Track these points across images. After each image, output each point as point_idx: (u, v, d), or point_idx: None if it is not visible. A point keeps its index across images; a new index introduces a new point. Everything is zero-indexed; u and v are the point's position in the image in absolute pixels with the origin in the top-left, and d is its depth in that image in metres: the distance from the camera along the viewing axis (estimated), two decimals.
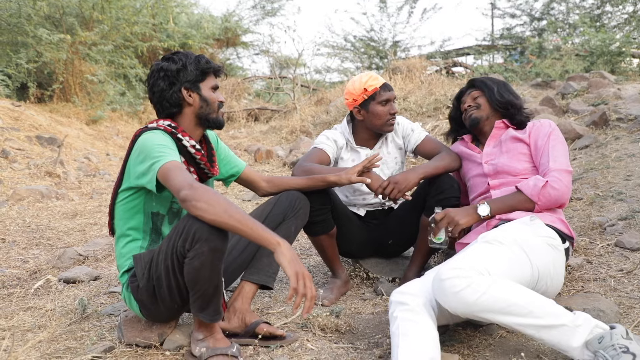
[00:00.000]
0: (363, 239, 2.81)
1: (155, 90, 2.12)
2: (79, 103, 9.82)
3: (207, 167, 2.18)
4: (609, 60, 8.18)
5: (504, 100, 2.52)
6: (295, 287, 1.74)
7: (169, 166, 1.86)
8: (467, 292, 1.71)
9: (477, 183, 2.52)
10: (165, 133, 2.05)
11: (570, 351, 1.74)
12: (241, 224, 1.76)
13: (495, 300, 1.71)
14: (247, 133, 9.91)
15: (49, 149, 7.23)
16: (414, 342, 1.74)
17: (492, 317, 1.73)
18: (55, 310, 2.56)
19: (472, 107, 2.57)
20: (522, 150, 2.43)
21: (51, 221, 4.41)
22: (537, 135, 2.41)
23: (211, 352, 1.94)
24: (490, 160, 2.49)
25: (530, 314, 1.72)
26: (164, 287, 1.92)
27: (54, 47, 9.25)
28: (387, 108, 2.72)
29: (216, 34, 13.99)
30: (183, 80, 2.11)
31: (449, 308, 1.76)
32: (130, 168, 2.02)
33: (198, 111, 2.15)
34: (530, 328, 1.73)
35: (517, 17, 14.20)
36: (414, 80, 8.92)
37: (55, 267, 3.25)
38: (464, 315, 1.77)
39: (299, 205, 2.33)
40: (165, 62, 2.13)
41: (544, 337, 1.74)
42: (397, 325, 1.82)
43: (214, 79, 2.20)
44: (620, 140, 4.66)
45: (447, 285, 1.75)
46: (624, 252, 2.72)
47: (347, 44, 16.23)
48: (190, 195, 1.76)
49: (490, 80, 2.60)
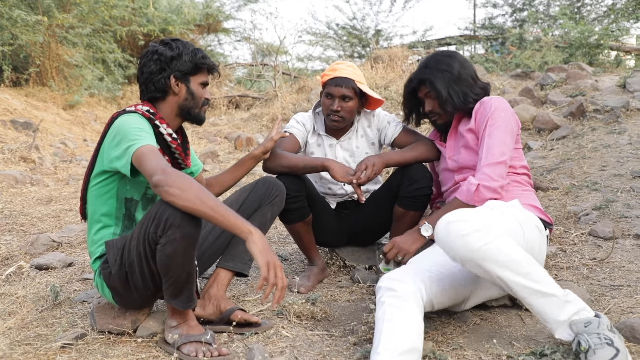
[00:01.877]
0: (338, 227, 2.80)
1: (145, 70, 2.09)
2: (56, 87, 9.63)
3: (182, 157, 2.16)
4: (587, 52, 8.26)
5: (458, 107, 2.36)
6: (265, 277, 1.72)
7: (144, 150, 1.83)
8: (473, 237, 1.72)
9: (447, 177, 2.50)
10: (143, 118, 2.02)
11: (553, 324, 1.76)
12: (213, 211, 1.73)
13: (499, 251, 1.72)
14: (227, 120, 9.83)
15: (24, 134, 7.10)
16: (398, 329, 1.73)
17: (491, 268, 1.73)
18: (27, 297, 2.52)
19: (434, 114, 2.45)
20: (473, 141, 2.35)
21: (25, 207, 4.33)
22: (480, 122, 2.31)
23: (184, 339, 1.92)
24: (453, 156, 2.44)
25: (528, 275, 1.73)
26: (137, 273, 1.90)
27: (30, 30, 9.03)
28: (328, 102, 2.65)
29: (197, 20, 13.78)
30: (174, 68, 2.08)
31: (450, 250, 1.77)
32: (104, 151, 1.98)
33: (182, 102, 2.13)
34: (524, 289, 1.74)
35: (499, 7, 14.26)
36: (395, 69, 8.91)
37: (27, 254, 3.20)
38: (463, 262, 1.76)
39: (275, 192, 2.31)
40: (161, 46, 2.10)
41: (533, 303, 1.75)
42: (383, 311, 1.80)
43: (206, 76, 2.18)
44: (596, 131, 4.71)
45: (454, 228, 1.75)
46: (597, 241, 2.76)
47: (330, 32, 16.17)
48: (163, 180, 1.73)
49: (439, 73, 2.36)
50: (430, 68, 2.40)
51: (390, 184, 2.66)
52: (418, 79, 2.45)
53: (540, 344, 1.91)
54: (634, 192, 3.30)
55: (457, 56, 2.43)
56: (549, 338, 1.96)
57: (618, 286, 2.28)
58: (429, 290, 1.88)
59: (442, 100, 2.37)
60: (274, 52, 12.70)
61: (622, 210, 3.05)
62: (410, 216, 2.61)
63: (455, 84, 2.35)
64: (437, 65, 2.39)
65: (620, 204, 3.15)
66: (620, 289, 2.25)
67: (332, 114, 2.64)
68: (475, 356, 1.86)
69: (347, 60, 12.28)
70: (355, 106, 2.66)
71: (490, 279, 1.79)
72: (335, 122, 2.66)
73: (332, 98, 2.63)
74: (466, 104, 2.37)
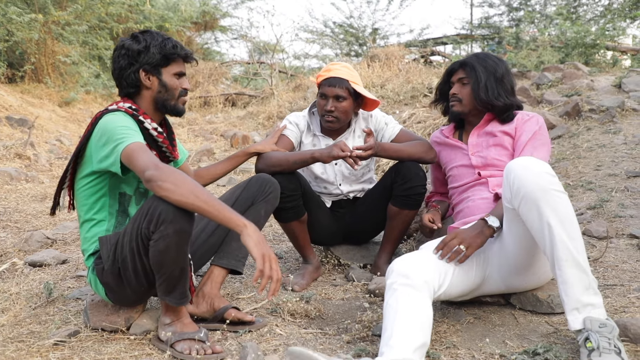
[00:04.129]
0: (333, 226, 2.80)
1: (116, 67, 2.07)
2: (52, 84, 9.59)
3: (169, 150, 2.14)
4: (583, 52, 8.26)
5: (486, 99, 2.38)
6: (261, 269, 1.73)
7: (132, 147, 1.82)
8: (548, 178, 1.78)
9: (463, 173, 2.45)
10: (127, 115, 2.00)
11: (571, 302, 1.74)
12: (208, 205, 1.73)
13: (563, 203, 1.76)
14: (223, 118, 9.81)
15: (19, 131, 7.07)
16: (412, 323, 1.70)
17: (547, 214, 1.75)
18: (20, 294, 2.51)
19: (455, 98, 2.45)
20: (509, 143, 2.39)
21: (19, 204, 4.32)
22: (523, 130, 2.37)
23: (178, 337, 1.92)
24: (478, 152, 2.42)
25: (574, 240, 1.76)
26: (130, 269, 1.90)
27: (25, 27, 8.99)
28: (322, 102, 2.65)
29: (194, 17, 13.76)
30: (143, 62, 2.04)
31: (519, 182, 1.80)
32: (92, 152, 1.96)
33: (156, 95, 2.09)
34: (565, 250, 1.74)
35: (495, 7, 14.27)
36: (392, 68, 8.91)
37: (22, 251, 3.18)
38: (525, 197, 1.78)
39: (268, 189, 2.31)
40: (129, 40, 2.07)
41: (565, 270, 1.75)
42: (395, 298, 1.77)
43: (181, 65, 2.13)
44: (592, 130, 4.72)
45: (534, 165, 1.81)
46: (591, 241, 2.76)
47: (327, 30, 16.15)
48: (156, 176, 1.73)
49: (484, 66, 2.40)
50: (479, 57, 2.45)
51: (384, 183, 2.66)
52: (461, 62, 2.48)
53: (533, 342, 1.92)
54: (629, 191, 3.31)
55: (506, 63, 2.48)
56: (542, 337, 1.96)
57: (612, 285, 2.29)
58: (440, 280, 1.88)
59: (477, 86, 2.39)
60: (271, 50, 12.68)
61: (616, 210, 3.06)
62: (405, 215, 2.61)
63: (494, 80, 2.39)
64: (485, 58, 2.44)
65: (615, 203, 3.16)
66: (614, 288, 2.26)
67: (326, 114, 2.64)
68: (469, 355, 1.86)
69: (343, 60, 12.29)
70: (349, 107, 2.65)
71: (537, 225, 1.78)
72: (329, 123, 2.66)
73: (326, 98, 2.62)
74: (496, 101, 2.38)
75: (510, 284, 2.11)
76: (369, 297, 2.42)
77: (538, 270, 2.08)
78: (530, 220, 1.81)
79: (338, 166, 2.75)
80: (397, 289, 1.79)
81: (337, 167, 2.76)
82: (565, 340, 1.92)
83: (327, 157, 2.41)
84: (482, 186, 2.36)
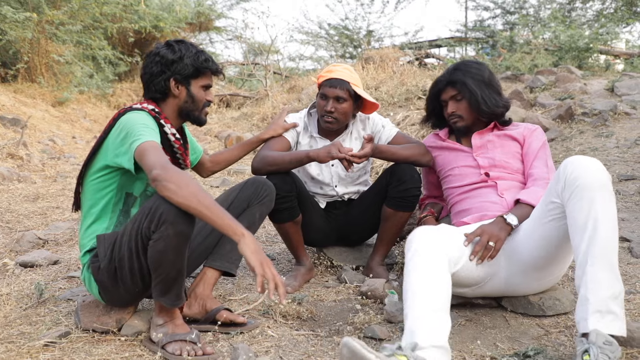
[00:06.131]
0: (327, 227, 2.80)
1: (147, 71, 2.11)
2: (45, 84, 9.54)
3: (183, 157, 2.19)
4: (576, 55, 8.29)
5: (489, 111, 2.39)
6: (262, 274, 1.73)
7: (146, 145, 1.84)
8: (606, 177, 1.79)
9: (467, 173, 2.44)
10: (150, 115, 2.04)
11: (597, 304, 1.67)
12: (209, 210, 1.74)
13: (614, 208, 1.77)
14: (218, 119, 9.79)
15: (12, 130, 7.02)
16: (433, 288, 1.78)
17: (595, 208, 1.74)
18: (11, 294, 2.50)
19: (455, 116, 2.45)
20: (516, 149, 2.42)
21: (11, 204, 4.29)
22: (532, 140, 2.41)
23: (169, 338, 1.91)
24: (483, 154, 2.43)
25: (615, 246, 1.74)
26: (126, 269, 1.90)
27: (19, 26, 8.94)
28: (322, 103, 2.65)
29: (188, 18, 13.71)
30: (175, 71, 2.09)
31: (578, 171, 1.80)
32: (109, 146, 1.98)
33: (182, 105, 2.14)
34: (604, 249, 1.72)
35: (490, 10, 14.32)
36: (386, 70, 8.91)
37: (13, 251, 3.17)
38: (580, 186, 1.78)
39: (264, 192, 2.31)
40: (164, 49, 2.11)
41: (599, 272, 1.70)
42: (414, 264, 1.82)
43: (209, 79, 2.18)
44: (584, 134, 4.74)
45: (596, 161, 1.83)
46: None
47: (322, 32, 16.15)
48: (162, 176, 1.74)
49: (471, 77, 2.40)
50: (461, 71, 2.44)
51: (379, 185, 2.66)
52: (447, 81, 2.46)
53: (524, 345, 1.92)
54: (620, 195, 3.33)
55: (486, 65, 2.50)
56: (532, 339, 1.97)
57: None
58: (457, 258, 1.97)
59: (476, 101, 2.38)
60: (266, 52, 12.68)
61: None
62: (399, 216, 2.61)
63: (486, 87, 2.40)
64: (467, 68, 2.43)
65: None
66: None
67: (325, 114, 2.64)
68: (460, 357, 1.87)
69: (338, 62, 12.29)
70: (349, 108, 2.65)
71: (583, 217, 1.76)
72: (328, 124, 2.66)
73: (326, 99, 2.62)
74: (497, 109, 2.40)
75: (513, 285, 2.12)
76: (361, 299, 2.43)
77: (546, 276, 2.10)
78: (576, 211, 1.79)
79: (334, 168, 2.75)
80: (418, 249, 1.85)
81: (333, 169, 2.76)
82: (556, 343, 1.93)
83: (324, 157, 2.41)
84: (490, 189, 2.35)
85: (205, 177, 2.61)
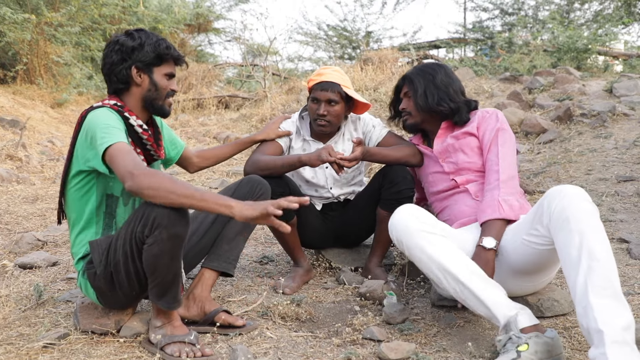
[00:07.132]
0: (323, 229, 2.80)
1: (107, 61, 2.07)
2: (44, 85, 9.54)
3: (154, 148, 2.14)
4: (575, 56, 8.31)
5: (427, 107, 2.41)
6: (273, 213, 1.75)
7: (112, 151, 1.83)
8: (591, 205, 1.79)
9: (439, 179, 2.46)
10: (112, 110, 2.01)
11: (613, 334, 1.57)
12: (191, 197, 1.75)
13: (603, 236, 1.73)
14: (217, 120, 9.79)
15: (11, 132, 7.02)
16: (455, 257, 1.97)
17: (590, 239, 1.70)
18: (10, 296, 2.50)
19: (405, 112, 2.50)
20: (475, 144, 2.39)
21: (10, 205, 4.29)
22: (485, 128, 2.37)
23: (168, 340, 1.91)
24: (447, 159, 2.43)
25: (616, 274, 1.68)
26: (122, 273, 1.90)
27: (18, 27, 8.94)
28: (314, 106, 2.64)
29: (187, 19, 13.72)
30: (136, 59, 2.05)
31: (563, 200, 1.80)
32: (78, 151, 1.98)
33: (145, 94, 2.10)
34: (608, 281, 1.64)
35: (488, 11, 14.31)
36: (385, 71, 8.92)
37: (12, 252, 3.17)
38: (572, 218, 1.74)
39: (259, 190, 2.30)
40: (123, 37, 2.07)
41: (605, 301, 1.62)
42: (428, 241, 1.99)
43: (172, 67, 2.14)
44: (583, 135, 4.75)
45: (578, 189, 1.83)
46: None
47: (320, 33, 16.15)
48: (134, 186, 1.75)
49: (422, 76, 2.44)
50: (418, 68, 2.50)
51: (372, 187, 2.66)
52: (402, 77, 2.55)
53: None
54: (619, 196, 3.34)
55: (446, 68, 2.49)
56: None
57: None
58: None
59: (416, 96, 2.43)
60: (264, 53, 12.68)
61: (606, 214, 3.08)
62: None
63: (433, 87, 2.42)
64: (423, 68, 2.49)
65: (605, 208, 3.18)
66: None
67: (318, 118, 2.64)
68: (458, 358, 1.87)
69: (337, 63, 12.26)
70: (341, 110, 2.65)
71: (575, 251, 1.71)
72: (322, 127, 2.66)
73: (319, 102, 2.62)
74: (437, 107, 2.40)
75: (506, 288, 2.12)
76: (360, 301, 2.43)
77: (539, 278, 2.11)
78: (567, 246, 1.74)
79: (329, 170, 2.75)
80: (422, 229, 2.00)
81: (327, 171, 2.76)
82: None
83: (315, 161, 2.41)
84: (464, 194, 2.36)
85: (192, 172, 2.58)
